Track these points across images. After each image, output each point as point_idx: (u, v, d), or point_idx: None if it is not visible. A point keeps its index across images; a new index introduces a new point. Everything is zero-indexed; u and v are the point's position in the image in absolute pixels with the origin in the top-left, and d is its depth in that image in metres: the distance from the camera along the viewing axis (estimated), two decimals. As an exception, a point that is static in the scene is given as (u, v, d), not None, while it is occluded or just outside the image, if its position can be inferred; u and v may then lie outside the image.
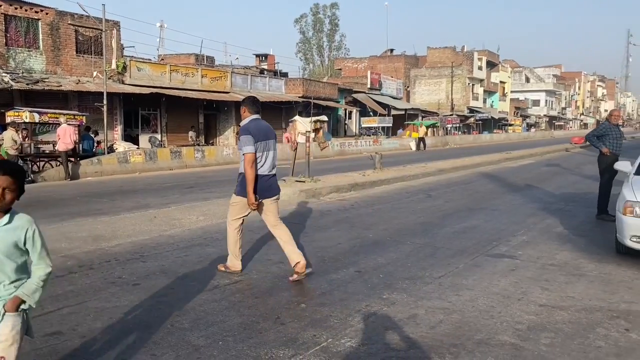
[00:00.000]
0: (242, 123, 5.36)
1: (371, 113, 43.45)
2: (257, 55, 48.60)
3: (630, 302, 4.68)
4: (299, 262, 5.16)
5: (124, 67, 25.11)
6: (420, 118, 52.51)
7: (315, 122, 13.68)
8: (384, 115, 44.00)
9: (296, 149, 12.71)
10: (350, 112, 43.70)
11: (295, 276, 5.19)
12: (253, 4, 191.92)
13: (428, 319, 4.24)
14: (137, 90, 24.55)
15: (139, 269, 5.68)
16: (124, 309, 4.43)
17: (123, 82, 25.13)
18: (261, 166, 5.21)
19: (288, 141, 30.04)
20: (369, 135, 39.89)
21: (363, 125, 42.89)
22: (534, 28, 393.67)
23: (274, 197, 5.38)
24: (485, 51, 65.24)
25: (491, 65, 67.10)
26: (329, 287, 5.05)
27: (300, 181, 11.94)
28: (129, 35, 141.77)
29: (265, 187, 5.27)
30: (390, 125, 43.68)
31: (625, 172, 7.04)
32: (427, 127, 50.19)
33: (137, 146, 23.64)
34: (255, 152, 5.11)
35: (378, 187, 13.12)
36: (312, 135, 13.36)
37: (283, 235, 5.36)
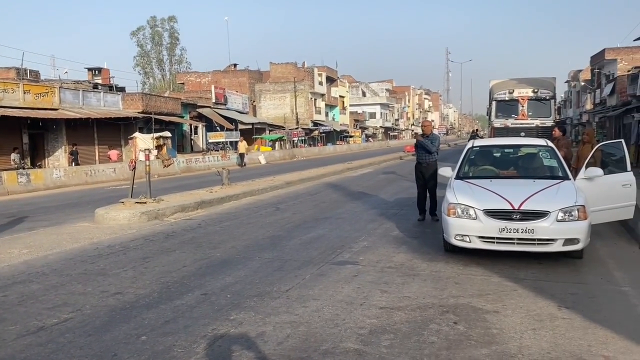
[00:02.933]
0: None
1: (218, 128, 42.89)
2: (90, 69, 45.23)
3: (457, 296, 5.13)
4: None
5: None
6: (267, 132, 53.22)
7: (158, 138, 13.02)
8: (231, 129, 43.74)
9: (135, 167, 11.96)
10: (196, 127, 42.68)
11: None
12: (83, 15, 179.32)
13: (276, 335, 4.21)
14: (-59, 108, 21.26)
15: (-58, 318, 4.83)
16: None
17: None
18: None
19: (110, 158, 28.37)
20: (217, 151, 39.31)
21: (210, 141, 42.15)
22: (367, 45, 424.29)
23: None
24: (325, 67, 68.43)
25: (331, 81, 70.56)
26: (172, 315, 4.76)
27: (140, 202, 11.24)
28: None
29: None
30: (238, 139, 43.53)
31: (447, 177, 7.76)
32: (274, 140, 51.16)
33: (-56, 172, 20.38)
34: None
35: (227, 203, 12.92)
36: (155, 152, 12.70)
37: None
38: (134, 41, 71.79)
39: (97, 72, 44.71)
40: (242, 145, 34.14)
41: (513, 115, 19.60)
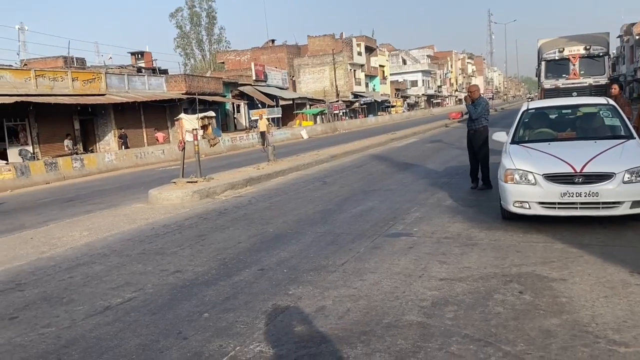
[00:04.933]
0: None
1: (259, 105, 43.13)
2: (133, 54, 46.13)
3: (520, 264, 4.95)
4: None
5: (-21, 75, 22.57)
6: (308, 106, 53.12)
7: (203, 118, 13.16)
8: (273, 106, 43.92)
9: (184, 148, 12.15)
10: (239, 106, 43.07)
11: None
12: (122, 0, 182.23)
13: (336, 309, 4.17)
14: (-3, 100, 22.17)
15: (15, 299, 5.05)
16: (0, 348, 3.89)
17: (-20, 92, 22.57)
18: None
19: (157, 140, 28.93)
20: (260, 128, 39.57)
21: (253, 118, 42.48)
22: (405, 11, 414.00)
23: None
24: (363, 37, 67.33)
25: (369, 50, 69.44)
26: (232, 291, 4.81)
27: (192, 182, 11.44)
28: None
29: None
30: (280, 115, 43.72)
31: (502, 142, 7.47)
32: (315, 114, 50.99)
33: (5, 161, 21.41)
34: None
35: (274, 179, 12.98)
36: (201, 132, 12.85)
37: None
38: (173, 23, 72.84)
39: (139, 55, 45.55)
40: (263, 123, 29.45)
41: (564, 75, 18.71)
